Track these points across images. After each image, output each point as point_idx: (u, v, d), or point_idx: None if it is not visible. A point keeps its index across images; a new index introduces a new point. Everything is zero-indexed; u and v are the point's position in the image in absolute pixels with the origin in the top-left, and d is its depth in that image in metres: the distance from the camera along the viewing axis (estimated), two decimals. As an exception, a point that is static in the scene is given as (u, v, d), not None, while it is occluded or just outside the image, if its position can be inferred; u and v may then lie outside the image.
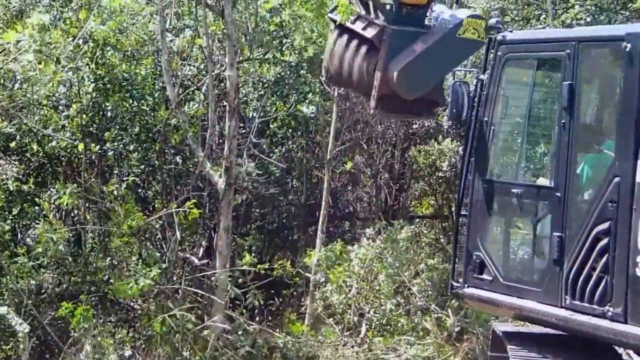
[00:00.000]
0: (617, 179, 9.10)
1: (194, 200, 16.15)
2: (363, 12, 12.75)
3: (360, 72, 12.58)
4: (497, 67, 10.60)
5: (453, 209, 17.51)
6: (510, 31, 11.14)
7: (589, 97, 10.31)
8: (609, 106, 10.33)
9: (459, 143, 18.44)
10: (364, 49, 12.47)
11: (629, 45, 9.17)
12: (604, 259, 9.18)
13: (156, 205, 17.78)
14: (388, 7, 12.11)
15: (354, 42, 12.63)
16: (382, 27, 12.23)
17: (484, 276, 10.54)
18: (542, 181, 10.77)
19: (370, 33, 12.31)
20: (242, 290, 16.87)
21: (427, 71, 12.30)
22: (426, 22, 12.39)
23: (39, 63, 14.48)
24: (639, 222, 8.87)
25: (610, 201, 9.12)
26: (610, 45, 9.89)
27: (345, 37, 12.77)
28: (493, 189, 10.76)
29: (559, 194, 9.77)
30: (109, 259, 15.70)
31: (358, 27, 12.57)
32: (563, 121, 9.80)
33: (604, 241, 9.17)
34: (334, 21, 12.84)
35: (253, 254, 17.76)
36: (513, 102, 11.33)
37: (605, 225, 9.16)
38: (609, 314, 9.08)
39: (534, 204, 10.63)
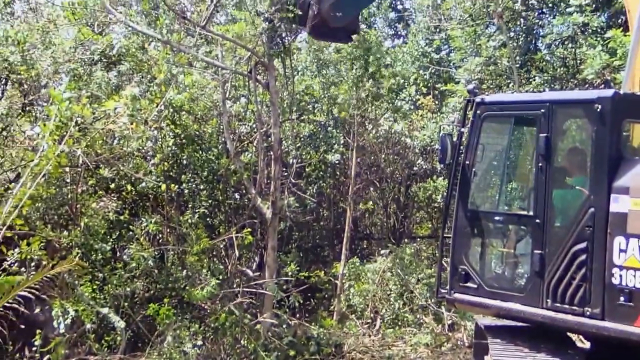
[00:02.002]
0: (592, 209, 9.14)
1: (249, 229, 16.18)
2: None
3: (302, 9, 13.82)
4: (477, 122, 10.52)
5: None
6: (487, 95, 11.09)
7: (561, 146, 10.22)
8: (579, 153, 10.26)
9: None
10: None
11: (599, 106, 9.22)
12: (583, 270, 9.17)
13: (220, 231, 17.75)
14: None
15: None
16: None
17: (469, 284, 10.44)
18: (519, 211, 10.76)
19: None
20: (285, 294, 16.88)
21: (347, 7, 12.76)
22: None
23: (132, 124, 14.53)
24: (613, 243, 8.88)
25: (587, 226, 9.15)
26: (583, 106, 9.83)
27: None
28: (475, 216, 10.66)
29: (538, 221, 9.74)
30: (185, 271, 15.65)
31: None
32: (540, 164, 9.77)
33: (582, 257, 9.18)
34: None
35: (294, 267, 17.73)
36: (490, 150, 11.28)
37: (583, 245, 9.19)
38: (588, 313, 9.10)
39: (515, 228, 10.63)
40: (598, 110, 9.25)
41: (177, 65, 16.81)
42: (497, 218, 10.98)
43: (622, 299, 8.84)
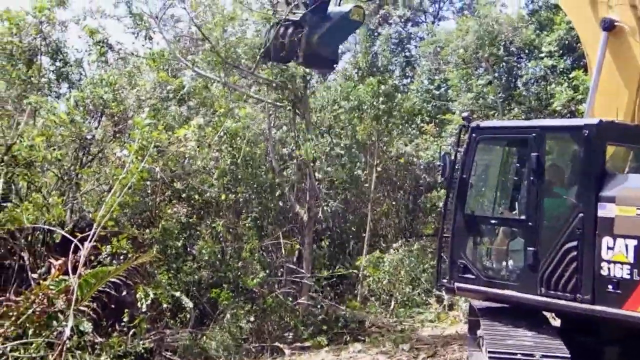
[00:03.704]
0: (581, 214, 9.01)
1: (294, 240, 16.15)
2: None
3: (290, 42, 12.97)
4: (472, 144, 10.30)
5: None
6: (481, 121, 10.94)
7: (550, 162, 10.01)
8: (567, 169, 10.16)
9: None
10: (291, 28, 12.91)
11: (587, 132, 9.10)
12: (574, 264, 9.02)
13: (268, 230, 17.75)
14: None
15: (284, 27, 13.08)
16: (304, 13, 12.73)
17: (467, 275, 10.28)
18: (511, 215, 10.60)
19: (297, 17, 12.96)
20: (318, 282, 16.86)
21: (332, 38, 12.45)
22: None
23: (198, 147, 14.55)
24: (602, 242, 8.79)
25: (577, 228, 9.01)
26: (572, 131, 9.75)
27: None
28: (472, 219, 10.47)
29: (530, 224, 9.58)
30: (240, 263, 15.64)
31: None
32: (532, 177, 9.59)
33: (574, 253, 9.02)
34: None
35: (325, 259, 17.69)
36: (484, 165, 11.18)
37: (573, 243, 9.03)
38: (580, 299, 8.96)
39: (508, 229, 10.42)
40: (585, 134, 9.11)
41: (233, 101, 16.86)
42: (492, 221, 10.81)
43: (610, 287, 8.74)
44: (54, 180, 14.20)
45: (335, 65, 15.73)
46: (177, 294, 13.87)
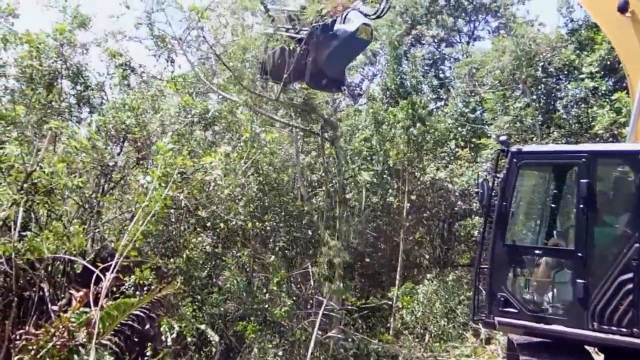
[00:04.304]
0: (637, 245, 8.84)
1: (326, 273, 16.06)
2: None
3: (297, 62, 12.93)
4: (513, 170, 10.17)
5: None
6: (522, 146, 10.78)
7: (601, 190, 9.80)
8: (621, 197, 9.93)
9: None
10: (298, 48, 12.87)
11: None
12: (630, 297, 8.87)
13: (297, 260, 17.68)
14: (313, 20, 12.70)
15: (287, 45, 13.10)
16: (310, 31, 12.48)
17: (509, 309, 10.07)
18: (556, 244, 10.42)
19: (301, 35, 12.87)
20: (349, 315, 16.70)
21: (339, 58, 12.25)
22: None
23: (224, 175, 14.53)
24: None
25: (632, 259, 8.83)
26: (625, 156, 9.57)
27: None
28: (514, 250, 10.28)
29: (579, 254, 9.37)
30: (267, 294, 15.54)
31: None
32: (581, 206, 9.39)
33: (629, 286, 8.87)
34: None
35: (356, 291, 17.57)
36: (526, 192, 11.03)
37: (629, 275, 8.88)
38: (637, 333, 8.82)
39: (554, 260, 10.21)
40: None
41: (259, 125, 16.86)
42: (535, 251, 10.64)
43: None
44: (75, 209, 14.23)
45: (342, 88, 15.61)
46: (202, 326, 13.80)
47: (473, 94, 24.58)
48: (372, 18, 13.18)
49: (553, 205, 11.09)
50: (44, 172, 11.90)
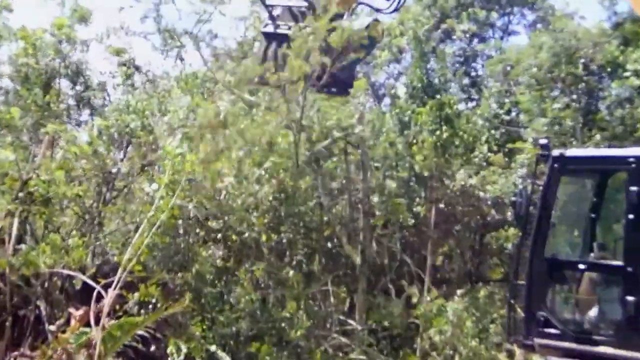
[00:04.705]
0: None
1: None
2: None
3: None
4: (555, 176, 10.00)
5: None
6: (566, 150, 10.59)
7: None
8: None
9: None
10: None
11: None
12: None
13: (316, 275, 17.61)
14: None
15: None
16: None
17: (550, 330, 9.91)
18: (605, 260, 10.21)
19: None
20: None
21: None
22: None
23: (237, 183, 14.50)
24: None
25: None
26: None
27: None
28: (555, 265, 10.09)
29: (629, 269, 9.16)
30: (283, 313, 15.47)
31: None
32: (631, 216, 9.20)
33: None
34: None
35: (381, 308, 17.50)
36: (569, 201, 10.85)
37: None
38: None
39: (600, 276, 10.02)
40: None
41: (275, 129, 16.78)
42: (580, 266, 10.41)
43: None
44: (74, 220, 14.26)
45: (350, 90, 15.42)
46: (213, 347, 13.77)
47: (508, 94, 24.45)
48: (386, 13, 13.00)
49: (597, 216, 10.88)
50: (41, 180, 11.90)
